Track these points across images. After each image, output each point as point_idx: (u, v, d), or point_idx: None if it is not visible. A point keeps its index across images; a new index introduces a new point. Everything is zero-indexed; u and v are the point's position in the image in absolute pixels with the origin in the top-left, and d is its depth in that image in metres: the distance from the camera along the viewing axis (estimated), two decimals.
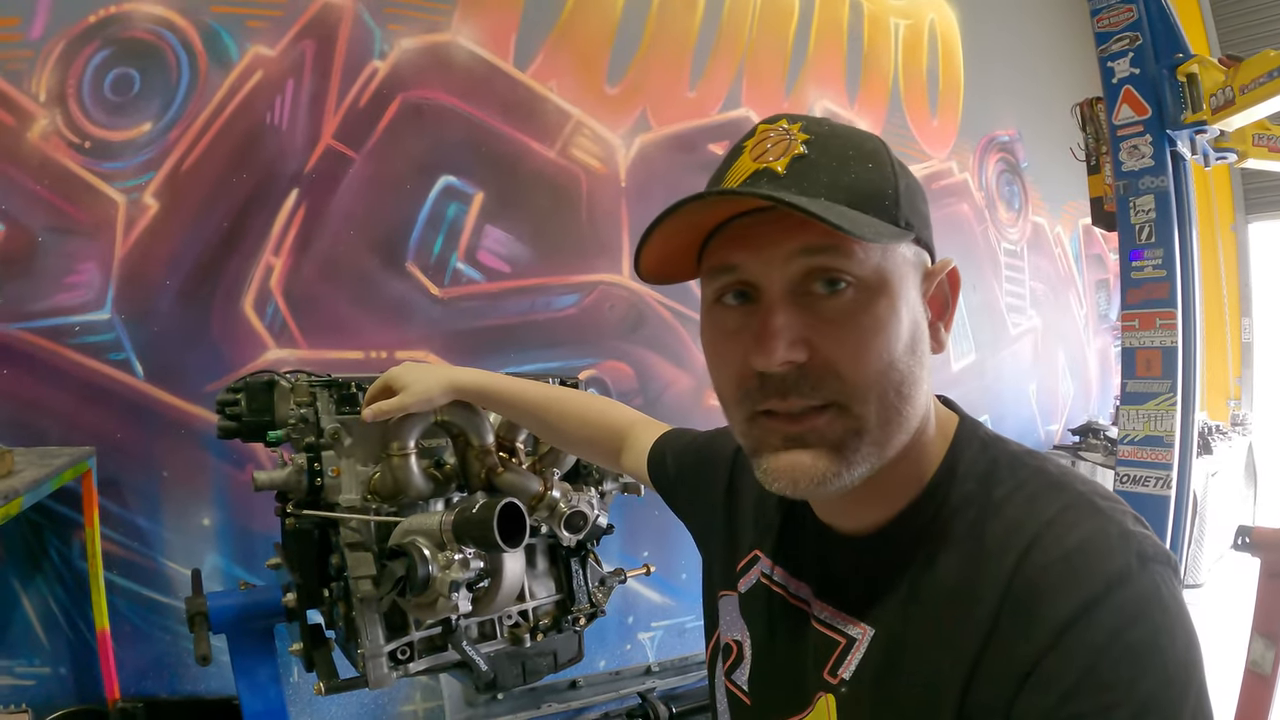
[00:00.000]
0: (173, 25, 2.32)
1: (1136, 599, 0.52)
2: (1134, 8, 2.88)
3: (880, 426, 0.59)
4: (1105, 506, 0.58)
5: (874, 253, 0.58)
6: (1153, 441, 2.83)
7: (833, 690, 0.65)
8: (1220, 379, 6.14)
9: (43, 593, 2.17)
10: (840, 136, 0.61)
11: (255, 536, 2.37)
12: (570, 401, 1.22)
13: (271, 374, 1.64)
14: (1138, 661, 0.50)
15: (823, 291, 0.58)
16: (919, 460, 0.65)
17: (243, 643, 1.65)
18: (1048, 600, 0.53)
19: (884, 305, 0.58)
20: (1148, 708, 0.49)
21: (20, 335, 2.12)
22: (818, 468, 0.58)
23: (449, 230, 2.76)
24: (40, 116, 2.16)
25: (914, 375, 0.60)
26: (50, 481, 1.72)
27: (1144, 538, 0.56)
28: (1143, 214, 2.90)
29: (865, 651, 0.64)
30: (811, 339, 0.57)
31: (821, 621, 0.68)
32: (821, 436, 0.58)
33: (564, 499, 1.50)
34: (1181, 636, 0.52)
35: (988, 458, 0.64)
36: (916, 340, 0.61)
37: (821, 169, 0.58)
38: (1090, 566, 0.54)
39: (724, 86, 3.49)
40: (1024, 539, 0.56)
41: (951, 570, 0.60)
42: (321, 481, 1.46)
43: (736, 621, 0.80)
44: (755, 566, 0.78)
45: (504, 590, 1.47)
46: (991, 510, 0.60)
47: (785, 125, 0.61)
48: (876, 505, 0.66)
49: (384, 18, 2.66)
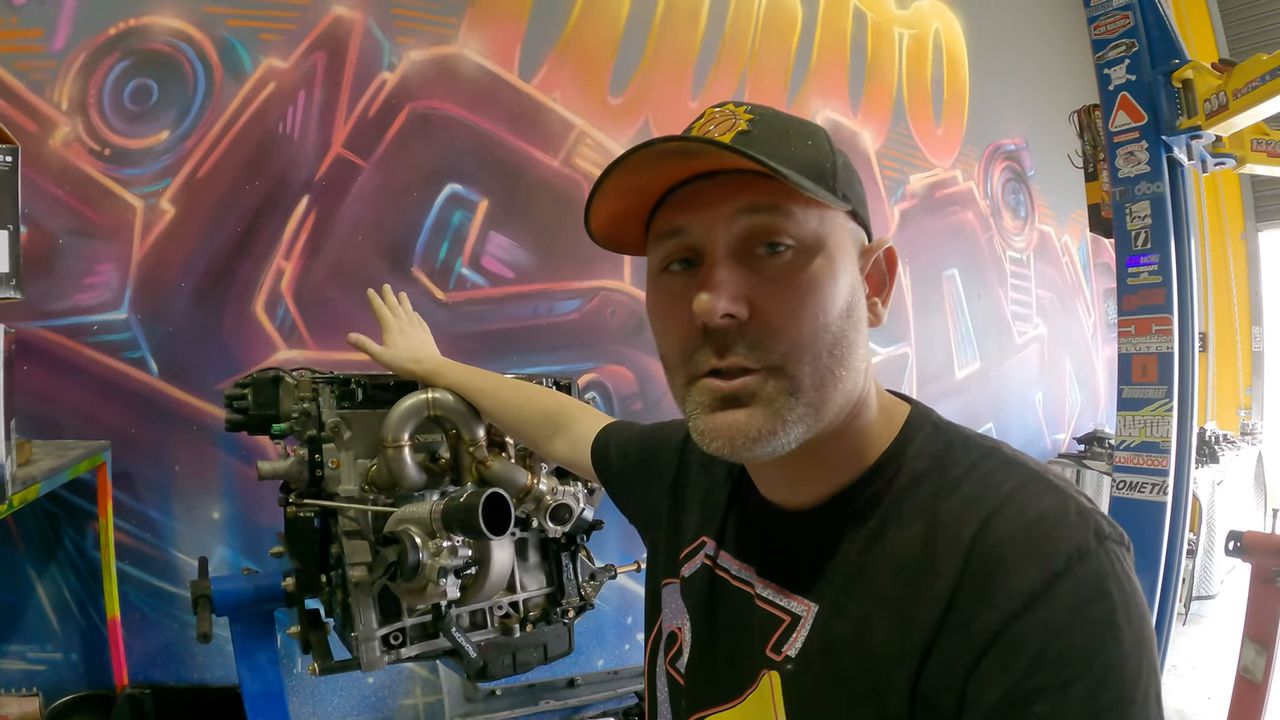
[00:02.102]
0: (190, 38, 2.41)
1: (1095, 575, 0.53)
2: (1130, 14, 2.89)
3: (815, 387, 0.60)
4: (1061, 484, 0.59)
5: (812, 218, 0.61)
6: (1149, 447, 2.83)
7: (777, 667, 0.65)
8: (1230, 388, 6.10)
9: (56, 581, 2.24)
10: (782, 118, 0.65)
11: (262, 529, 2.44)
12: (507, 388, 1.34)
13: (277, 370, 1.71)
14: (1096, 637, 0.51)
15: (764, 253, 0.60)
16: (861, 436, 0.66)
17: (244, 626, 1.71)
18: (1009, 572, 0.53)
19: (821, 267, 0.61)
20: (1104, 682, 0.50)
21: (41, 333, 2.21)
22: (753, 425, 0.60)
23: (454, 237, 2.84)
24: (62, 124, 2.26)
25: (848, 339, 0.62)
26: (66, 471, 1.78)
27: (1100, 515, 0.57)
28: (1139, 220, 2.91)
29: (810, 628, 0.63)
30: (752, 297, 0.59)
31: (765, 600, 0.68)
32: (754, 395, 0.60)
33: (550, 492, 1.56)
34: (1136, 614, 0.53)
35: (941, 440, 0.65)
36: (852, 306, 0.63)
37: (763, 141, 0.61)
38: (1050, 540, 0.54)
39: (727, 96, 3.55)
40: (982, 512, 0.57)
41: (903, 544, 0.60)
42: (322, 472, 1.52)
43: (678, 608, 0.79)
44: (700, 552, 0.79)
45: (492, 579, 1.53)
46: (946, 488, 0.61)
47: (731, 108, 0.65)
48: (818, 479, 0.66)
49: (393, 31, 2.75)
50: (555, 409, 1.21)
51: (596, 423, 1.11)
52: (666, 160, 0.60)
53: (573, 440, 1.12)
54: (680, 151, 0.60)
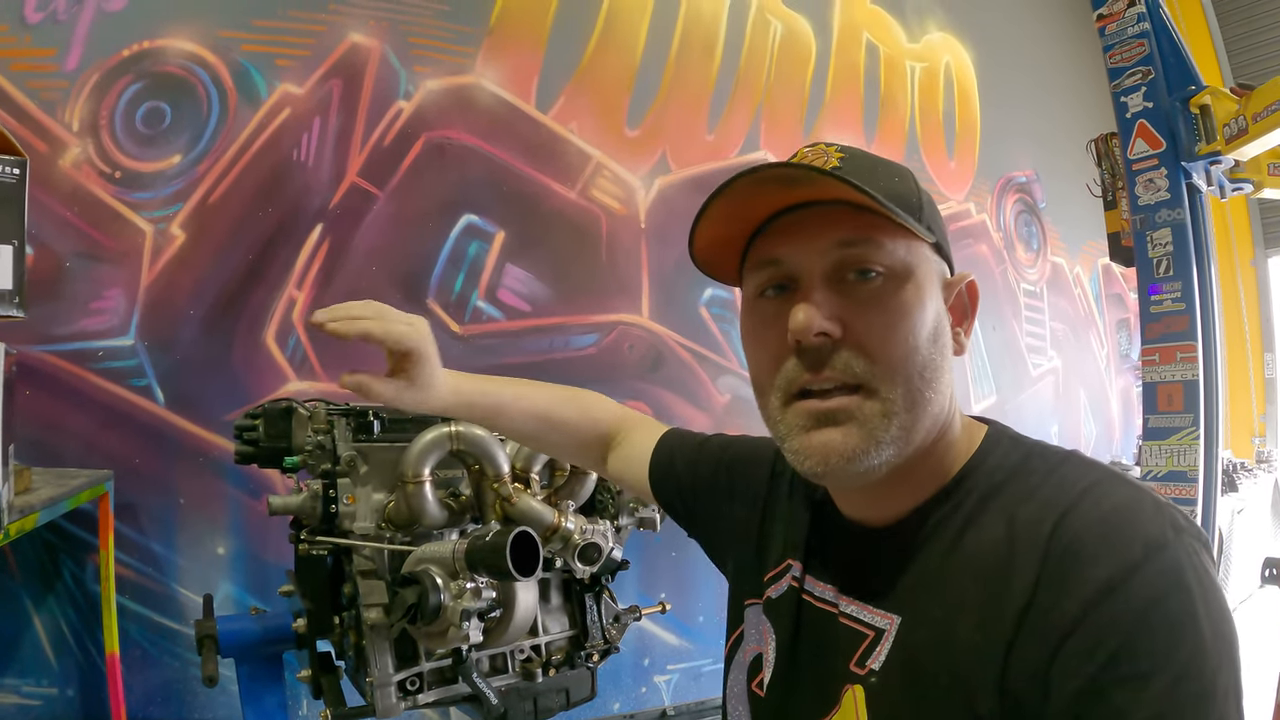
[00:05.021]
0: (204, 62, 2.39)
1: (1174, 567, 0.53)
2: (1145, 42, 2.89)
3: (907, 409, 0.62)
4: (1137, 482, 0.60)
5: (900, 247, 0.63)
6: (1176, 477, 2.78)
7: (861, 681, 0.65)
8: (1244, 416, 6.04)
9: (54, 613, 2.17)
10: (870, 156, 0.67)
11: (269, 566, 2.37)
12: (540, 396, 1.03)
13: (290, 401, 1.65)
14: (1175, 629, 0.51)
15: (855, 279, 0.63)
16: (944, 455, 0.67)
17: (251, 668, 1.63)
18: (1086, 562, 0.54)
19: (910, 293, 0.63)
20: (1184, 676, 0.50)
21: (45, 357, 2.16)
22: (848, 444, 0.61)
23: (470, 268, 2.80)
24: (73, 145, 2.23)
25: (936, 363, 0.64)
26: (67, 501, 1.72)
27: (1177, 510, 0.57)
28: (1160, 247, 2.88)
29: (894, 640, 0.64)
30: (844, 318, 0.62)
31: (849, 617, 0.68)
32: (851, 415, 0.61)
33: (579, 531, 1.49)
34: (1216, 608, 0.52)
35: (1019, 452, 0.66)
36: (939, 332, 0.65)
37: (854, 176, 0.61)
38: (1127, 531, 0.55)
39: (742, 129, 3.55)
40: (1059, 509, 0.58)
41: (983, 547, 0.61)
42: (336, 509, 1.46)
43: (760, 629, 0.79)
44: (787, 574, 0.78)
45: (516, 622, 1.46)
46: (1025, 493, 0.61)
47: (823, 146, 0.67)
48: (901, 496, 0.67)
49: (410, 59, 2.74)
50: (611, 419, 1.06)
51: (651, 432, 1.03)
52: (768, 187, 0.63)
53: (628, 456, 1.02)
54: (782, 179, 0.62)
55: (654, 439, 1.01)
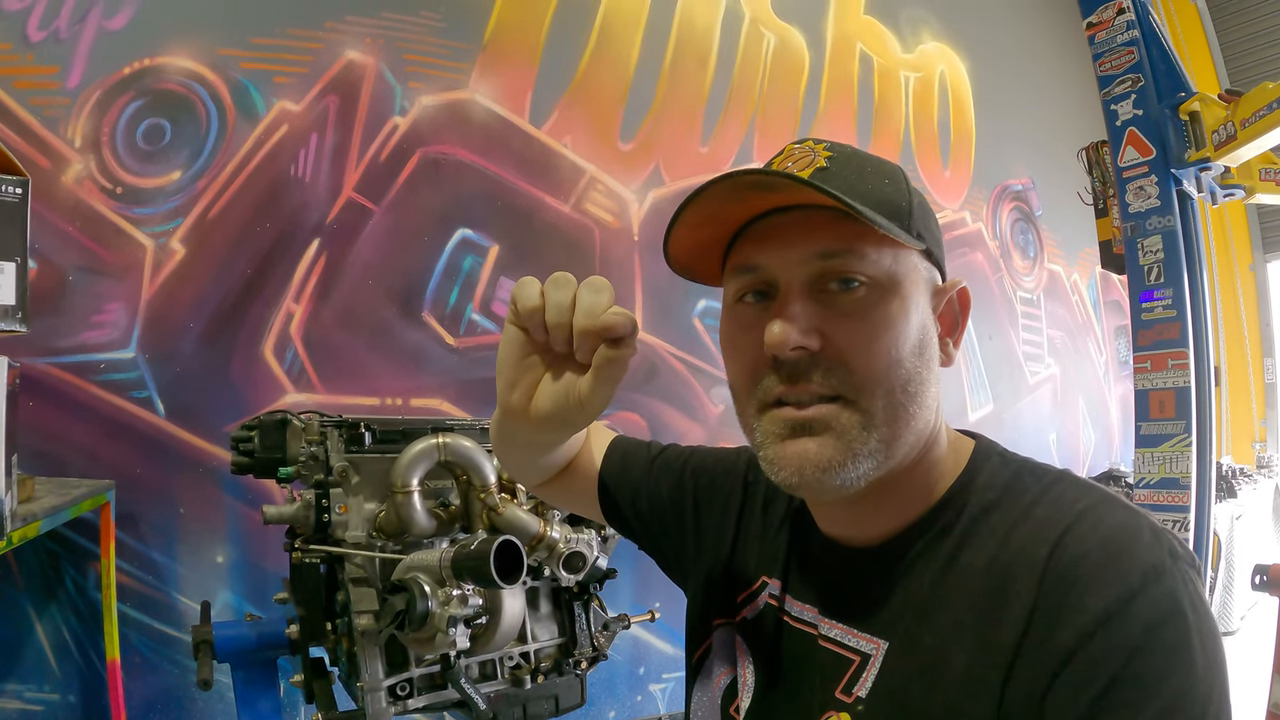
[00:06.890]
0: (203, 79, 2.44)
1: (1170, 595, 0.52)
2: (1135, 50, 2.90)
3: (888, 423, 0.60)
4: (1133, 505, 0.59)
5: (886, 257, 0.61)
6: (1169, 484, 2.78)
7: (848, 709, 0.63)
8: (1244, 421, 6.03)
9: (56, 621, 2.19)
10: (860, 155, 0.65)
11: (267, 574, 2.39)
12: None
13: (285, 413, 1.69)
14: (1170, 659, 0.50)
15: (837, 289, 0.60)
16: (930, 471, 0.65)
17: (246, 673, 1.66)
18: (1084, 589, 0.53)
19: (894, 305, 0.60)
20: (1176, 706, 0.49)
21: (48, 369, 2.20)
22: (824, 455, 0.59)
23: (465, 281, 2.84)
24: (75, 161, 2.27)
25: (920, 376, 0.61)
26: (69, 510, 1.75)
27: (1174, 536, 0.56)
28: (1151, 255, 2.89)
29: (881, 665, 0.62)
30: (824, 329, 0.59)
31: (831, 640, 0.67)
32: (828, 425, 0.59)
33: (563, 540, 1.52)
34: (1209, 636, 0.52)
35: (1009, 470, 0.65)
36: (924, 344, 0.62)
37: (840, 178, 0.61)
38: (1125, 558, 0.54)
39: (736, 141, 3.58)
40: (1055, 531, 0.57)
41: (978, 571, 0.59)
42: (329, 518, 1.49)
43: (735, 650, 0.76)
44: (764, 592, 0.76)
45: (503, 629, 1.49)
46: (1019, 513, 0.60)
47: (811, 144, 0.65)
48: (885, 515, 0.65)
49: (405, 75, 2.78)
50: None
51: (599, 438, 0.95)
52: (746, 193, 0.60)
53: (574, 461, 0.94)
54: (759, 185, 0.60)
55: (601, 446, 0.94)
